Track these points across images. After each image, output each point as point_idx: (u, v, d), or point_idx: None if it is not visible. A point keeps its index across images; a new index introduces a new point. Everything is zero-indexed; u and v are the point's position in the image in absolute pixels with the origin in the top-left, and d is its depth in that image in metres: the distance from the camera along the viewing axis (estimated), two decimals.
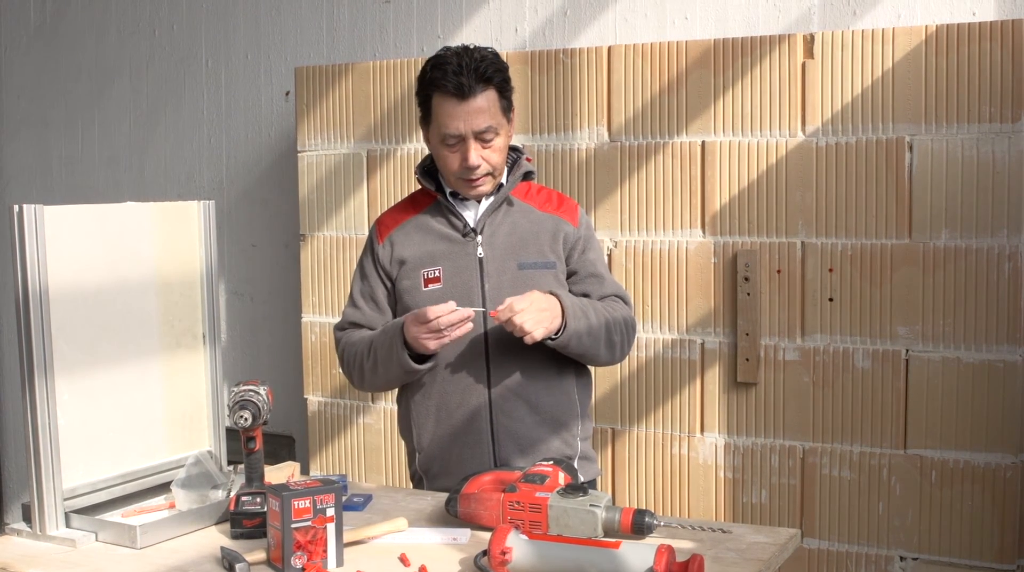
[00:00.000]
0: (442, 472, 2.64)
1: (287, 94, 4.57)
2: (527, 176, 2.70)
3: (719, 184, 3.43)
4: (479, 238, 2.62)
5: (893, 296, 3.25)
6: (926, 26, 3.18)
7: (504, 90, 2.59)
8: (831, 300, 3.31)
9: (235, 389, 2.33)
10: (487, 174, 2.58)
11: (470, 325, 2.45)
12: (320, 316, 4.09)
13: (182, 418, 2.57)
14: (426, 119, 2.61)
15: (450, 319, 2.40)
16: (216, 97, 4.80)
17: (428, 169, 2.70)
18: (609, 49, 3.57)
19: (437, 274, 2.60)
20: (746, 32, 3.64)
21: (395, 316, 2.67)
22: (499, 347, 2.59)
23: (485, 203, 2.65)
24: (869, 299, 3.27)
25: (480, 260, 2.61)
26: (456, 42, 4.07)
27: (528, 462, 2.52)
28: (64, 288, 2.29)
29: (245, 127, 4.74)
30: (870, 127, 3.24)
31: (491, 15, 4.11)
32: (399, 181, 3.91)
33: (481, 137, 2.53)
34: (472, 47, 2.57)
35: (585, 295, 2.64)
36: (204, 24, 4.80)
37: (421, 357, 2.51)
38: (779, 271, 3.36)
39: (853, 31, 3.27)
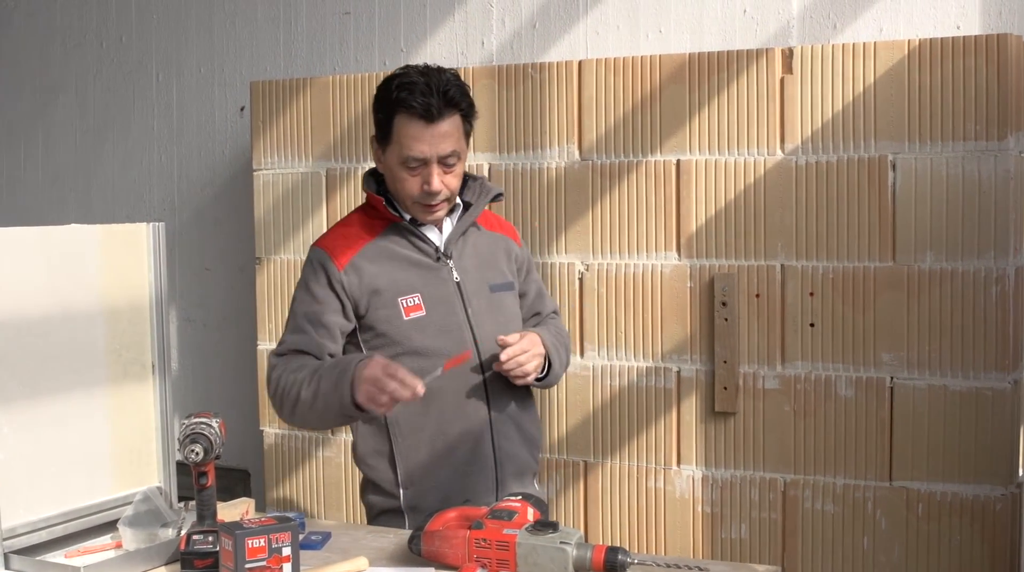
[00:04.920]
0: (440, 504, 2.49)
1: (242, 109, 4.57)
2: (497, 198, 2.70)
3: (695, 204, 3.41)
4: (451, 262, 2.60)
5: (877, 321, 3.22)
6: (909, 40, 3.18)
7: (469, 116, 2.58)
8: (812, 326, 3.29)
9: (186, 421, 2.28)
10: (445, 199, 2.56)
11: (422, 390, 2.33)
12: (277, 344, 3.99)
13: (130, 453, 2.55)
14: (384, 139, 2.55)
15: (406, 395, 2.29)
16: (167, 112, 4.81)
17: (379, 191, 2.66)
18: (580, 63, 3.55)
19: (417, 302, 2.55)
20: (722, 46, 3.66)
21: (358, 347, 2.58)
22: (495, 372, 2.61)
23: (449, 226, 2.64)
24: (852, 324, 3.25)
25: (458, 284, 2.59)
26: (421, 56, 4.10)
27: (519, 486, 2.62)
28: (4, 315, 2.27)
29: (198, 144, 4.74)
30: (851, 145, 3.23)
31: (456, 28, 4.13)
32: (360, 201, 3.81)
33: (444, 162, 2.51)
34: (436, 68, 2.54)
35: (536, 313, 2.79)
36: (155, 35, 4.82)
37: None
38: (758, 295, 3.34)
39: (833, 45, 3.27)
